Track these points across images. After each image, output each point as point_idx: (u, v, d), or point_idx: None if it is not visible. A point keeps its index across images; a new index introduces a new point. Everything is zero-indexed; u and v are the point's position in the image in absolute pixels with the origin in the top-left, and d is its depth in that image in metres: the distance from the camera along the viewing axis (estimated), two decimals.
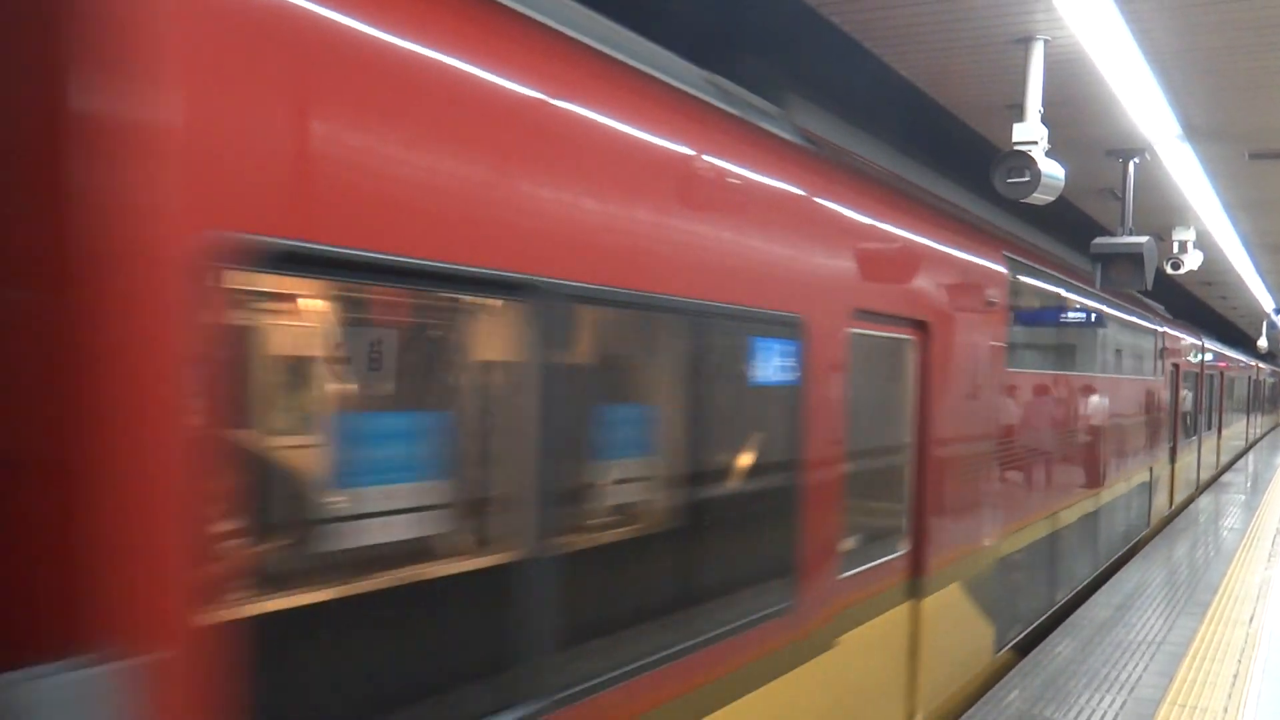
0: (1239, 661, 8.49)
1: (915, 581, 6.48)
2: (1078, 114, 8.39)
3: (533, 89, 3.19)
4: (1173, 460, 17.39)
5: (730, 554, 4.43)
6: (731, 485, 4.52)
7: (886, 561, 6.07)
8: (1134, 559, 13.27)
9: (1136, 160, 9.81)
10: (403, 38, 2.71)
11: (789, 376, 4.76)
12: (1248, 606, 10.56)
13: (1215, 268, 17.97)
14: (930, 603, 6.65)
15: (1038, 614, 9.58)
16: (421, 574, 2.93)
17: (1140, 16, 6.27)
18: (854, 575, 5.53)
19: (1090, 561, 11.79)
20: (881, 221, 5.88)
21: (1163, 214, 12.67)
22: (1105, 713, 7.25)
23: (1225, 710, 7.27)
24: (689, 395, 4.12)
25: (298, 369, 2.69)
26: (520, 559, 3.13)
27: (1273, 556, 13.59)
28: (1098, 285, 9.48)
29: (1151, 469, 15.25)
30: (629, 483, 3.89)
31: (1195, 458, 20.56)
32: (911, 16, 6.44)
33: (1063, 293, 10.06)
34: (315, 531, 2.61)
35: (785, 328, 4.68)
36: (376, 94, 2.61)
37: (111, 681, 1.81)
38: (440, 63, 2.83)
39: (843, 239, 5.30)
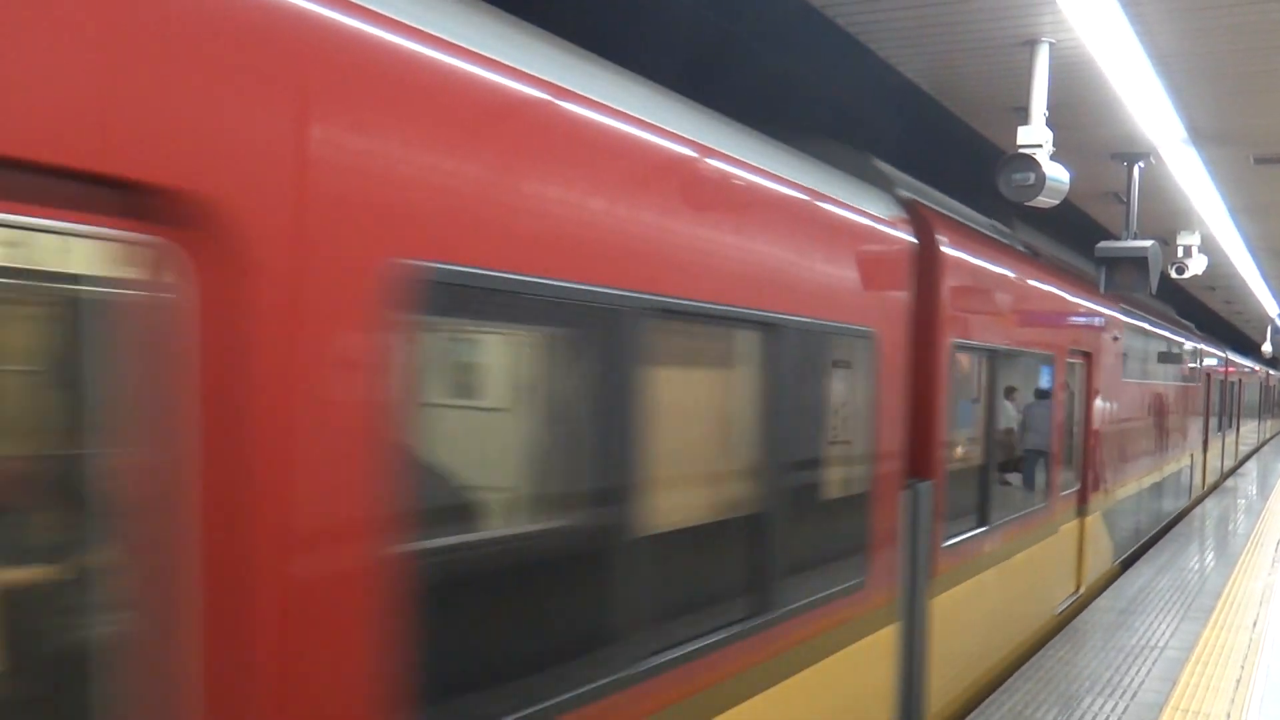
0: (1242, 667, 8.47)
1: (1082, 506, 10.77)
2: (1082, 117, 8.38)
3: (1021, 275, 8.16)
4: (1204, 451, 21.57)
5: (1033, 475, 9.18)
6: (1045, 442, 9.35)
7: (1072, 491, 10.43)
8: (1137, 563, 13.30)
9: (1141, 164, 9.79)
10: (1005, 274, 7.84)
11: (1049, 386, 9.30)
12: (1251, 611, 10.54)
13: (1220, 272, 17.95)
14: (1089, 520, 10.99)
15: (1128, 547, 13.57)
16: (962, 466, 7.26)
17: (1145, 19, 6.25)
18: (1063, 495, 9.93)
19: (1157, 518, 15.82)
20: (1073, 295, 9.90)
21: (1167, 218, 12.65)
22: (1108, 717, 7.23)
23: (1228, 715, 7.24)
24: (1028, 397, 9.13)
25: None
26: (1003, 460, 8.23)
27: (1276, 562, 13.56)
28: (1102, 289, 9.53)
29: (1192, 456, 19.71)
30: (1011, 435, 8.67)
31: (1220, 450, 24.65)
32: (915, 18, 6.42)
33: (1147, 326, 14.20)
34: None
35: (1049, 361, 9.20)
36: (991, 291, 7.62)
37: (930, 488, 6.30)
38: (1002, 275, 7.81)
39: (1063, 308, 9.55)
